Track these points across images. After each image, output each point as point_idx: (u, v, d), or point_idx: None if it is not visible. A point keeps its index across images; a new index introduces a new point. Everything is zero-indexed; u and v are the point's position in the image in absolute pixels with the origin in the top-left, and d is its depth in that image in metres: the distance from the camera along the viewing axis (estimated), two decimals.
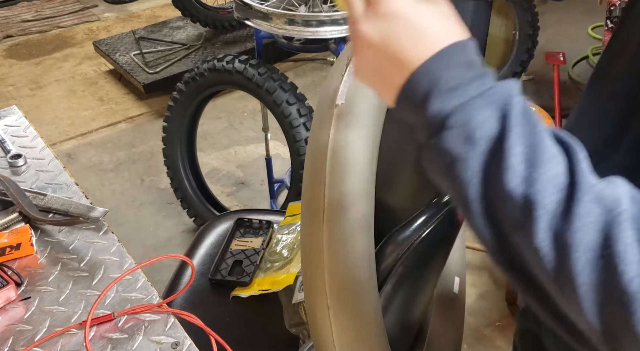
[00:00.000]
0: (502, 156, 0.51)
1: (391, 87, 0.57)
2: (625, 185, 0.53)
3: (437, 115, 0.53)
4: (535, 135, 0.52)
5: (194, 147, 2.37)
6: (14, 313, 0.94)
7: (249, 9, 1.90)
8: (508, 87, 0.55)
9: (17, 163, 1.23)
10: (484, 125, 0.52)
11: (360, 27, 0.57)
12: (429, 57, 0.55)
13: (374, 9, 0.57)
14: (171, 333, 0.90)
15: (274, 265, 1.32)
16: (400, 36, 0.56)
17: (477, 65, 0.56)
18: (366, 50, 0.57)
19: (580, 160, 0.52)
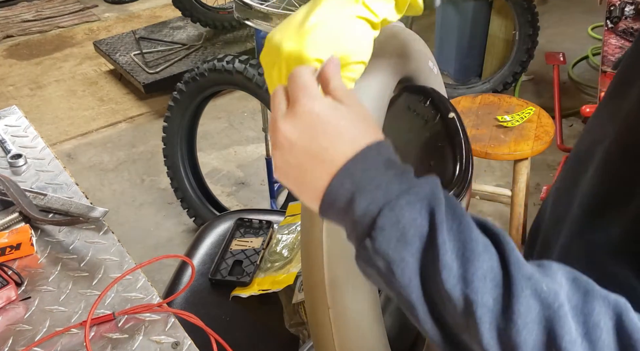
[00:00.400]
0: (436, 254, 0.51)
1: (314, 189, 0.56)
2: (561, 269, 0.53)
3: (365, 215, 0.53)
4: (463, 229, 0.52)
5: (194, 147, 2.37)
6: (14, 313, 0.93)
7: (249, 9, 1.90)
8: (431, 182, 0.54)
9: (17, 163, 1.23)
10: (414, 223, 0.52)
11: (280, 126, 0.57)
12: (349, 158, 0.55)
13: (293, 109, 0.57)
14: (171, 333, 0.90)
15: (274, 265, 1.32)
16: (319, 136, 0.56)
17: (396, 164, 0.56)
18: (287, 149, 0.57)
19: (511, 249, 0.52)
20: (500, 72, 3.11)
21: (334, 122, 0.56)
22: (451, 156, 0.94)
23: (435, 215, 0.52)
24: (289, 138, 0.56)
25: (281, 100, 0.59)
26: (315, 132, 0.56)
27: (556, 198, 0.80)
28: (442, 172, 0.94)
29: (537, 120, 1.95)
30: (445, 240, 0.51)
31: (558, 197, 0.80)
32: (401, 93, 0.97)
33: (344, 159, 0.55)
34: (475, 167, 1.80)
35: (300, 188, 0.58)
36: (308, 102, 0.57)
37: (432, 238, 0.51)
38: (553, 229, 0.77)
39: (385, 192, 0.53)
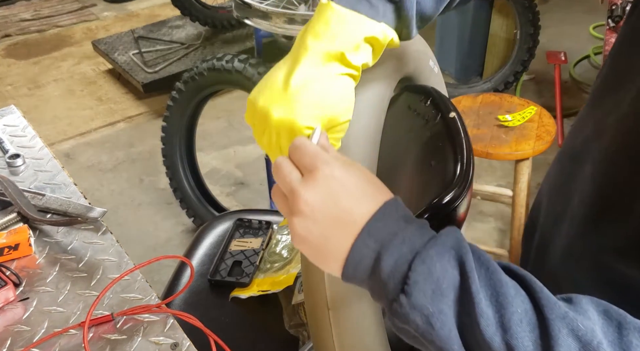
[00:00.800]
0: (472, 303, 0.51)
1: (337, 253, 0.56)
2: (591, 303, 0.53)
3: (395, 272, 0.53)
4: (492, 274, 0.52)
5: (193, 146, 2.36)
6: (12, 313, 0.93)
7: (249, 8, 1.90)
8: (453, 231, 0.55)
9: (15, 163, 1.22)
10: (447, 274, 0.52)
11: (302, 194, 0.56)
12: (370, 217, 0.55)
13: (312, 175, 0.57)
14: (170, 334, 0.89)
15: (273, 265, 1.32)
16: (342, 199, 0.56)
17: (414, 218, 0.56)
18: (309, 216, 0.56)
19: (540, 289, 0.52)
20: (502, 71, 3.11)
21: (354, 183, 0.57)
22: (452, 156, 0.94)
23: (465, 264, 0.52)
24: (311, 205, 0.56)
25: (291, 169, 0.59)
26: (339, 196, 0.56)
27: (552, 195, 0.80)
28: (443, 172, 0.93)
29: (538, 120, 1.94)
30: (479, 288, 0.51)
31: (553, 194, 0.79)
32: (402, 92, 0.96)
33: (366, 218, 0.55)
34: (476, 166, 1.79)
35: (322, 255, 0.58)
36: (327, 167, 0.57)
37: (465, 288, 0.51)
38: (552, 227, 0.77)
39: (411, 245, 0.53)
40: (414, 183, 1.01)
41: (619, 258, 0.63)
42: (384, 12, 0.67)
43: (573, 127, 0.80)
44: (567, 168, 0.77)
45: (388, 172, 0.91)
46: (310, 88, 0.65)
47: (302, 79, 0.65)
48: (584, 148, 0.73)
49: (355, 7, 0.66)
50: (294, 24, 1.83)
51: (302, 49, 0.66)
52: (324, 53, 0.66)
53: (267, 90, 0.67)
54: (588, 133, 0.73)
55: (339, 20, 0.65)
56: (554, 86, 2.97)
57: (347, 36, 0.65)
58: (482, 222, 2.45)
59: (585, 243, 0.69)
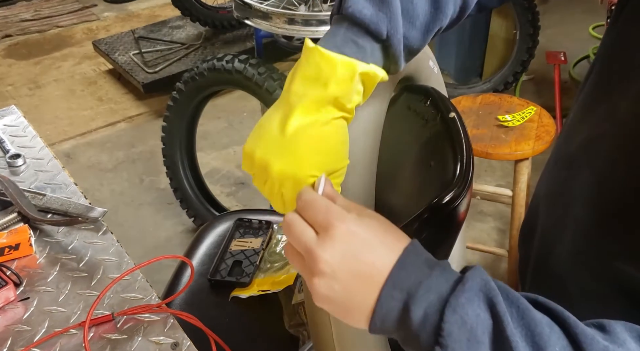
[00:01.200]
0: (508, 347, 0.50)
1: (363, 308, 0.55)
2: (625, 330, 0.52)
3: (426, 323, 0.52)
4: (524, 313, 0.52)
5: (193, 147, 2.36)
6: (12, 313, 0.93)
7: (249, 8, 1.90)
8: (478, 272, 0.54)
9: (16, 163, 1.22)
10: (479, 319, 0.51)
11: (320, 254, 0.55)
12: (392, 267, 0.54)
13: (328, 233, 0.56)
14: (170, 333, 0.89)
15: (273, 265, 1.32)
16: (363, 253, 0.55)
17: (435, 261, 0.55)
18: (330, 275, 0.55)
19: (574, 323, 0.51)
20: (501, 71, 3.11)
21: (371, 235, 0.56)
22: (452, 156, 0.94)
23: (496, 306, 0.51)
24: (331, 264, 0.55)
25: (304, 228, 0.57)
26: (358, 251, 0.55)
27: (550, 200, 0.79)
28: (443, 172, 0.93)
29: (538, 120, 1.94)
30: (513, 330, 0.50)
31: (551, 199, 0.78)
32: (401, 93, 0.96)
33: (389, 269, 0.54)
34: (476, 167, 1.79)
35: (347, 311, 0.57)
36: (342, 223, 0.56)
37: (500, 331, 0.51)
38: (553, 232, 0.76)
39: (438, 293, 0.52)
40: (414, 183, 1.01)
41: (631, 263, 0.62)
42: (371, 52, 0.66)
43: (566, 133, 0.79)
44: (563, 174, 0.76)
45: (388, 172, 0.91)
46: (308, 136, 0.65)
47: (298, 126, 0.65)
48: (580, 154, 0.72)
49: (342, 49, 0.65)
50: (294, 25, 1.84)
51: (294, 95, 0.66)
52: (317, 99, 0.65)
53: (264, 139, 0.66)
54: (583, 138, 0.72)
55: (328, 64, 0.65)
56: (553, 86, 2.97)
57: (338, 80, 0.65)
58: (481, 221, 2.45)
59: (595, 248, 0.68)
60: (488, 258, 2.27)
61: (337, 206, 0.58)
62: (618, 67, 0.70)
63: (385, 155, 0.86)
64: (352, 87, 0.66)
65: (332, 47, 0.66)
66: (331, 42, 0.66)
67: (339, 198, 0.61)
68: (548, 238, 0.78)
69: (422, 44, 0.70)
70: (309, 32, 1.84)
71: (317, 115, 0.65)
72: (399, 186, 1.01)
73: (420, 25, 0.68)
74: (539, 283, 0.80)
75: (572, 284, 0.72)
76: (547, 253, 0.77)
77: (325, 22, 1.83)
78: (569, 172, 0.74)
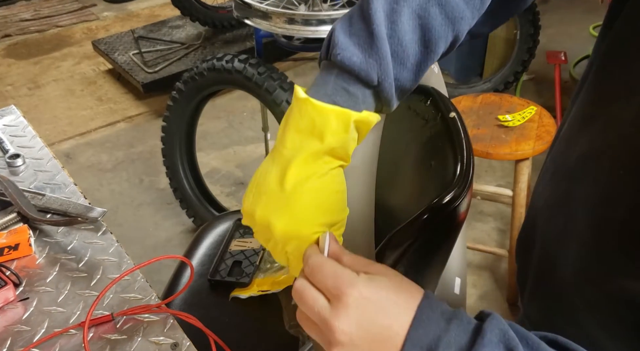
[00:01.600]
0: None
1: None
2: None
3: None
4: None
5: (193, 146, 2.36)
6: (12, 313, 0.93)
7: (249, 8, 1.90)
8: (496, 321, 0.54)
9: (15, 163, 1.22)
10: None
11: (335, 324, 0.55)
12: (410, 326, 0.54)
13: (340, 302, 0.55)
14: (170, 334, 0.89)
15: (273, 265, 1.32)
16: (378, 318, 0.55)
17: (451, 311, 0.55)
18: (349, 344, 0.55)
19: None
20: (502, 71, 3.11)
21: (384, 297, 0.56)
22: (452, 156, 0.94)
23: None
24: (348, 333, 0.55)
25: (316, 296, 0.57)
26: (373, 315, 0.55)
27: (549, 214, 0.76)
28: (443, 172, 0.93)
29: (538, 120, 1.94)
30: None
31: (551, 213, 0.76)
32: None
33: (406, 328, 0.54)
34: (476, 167, 1.79)
35: None
36: (353, 290, 0.55)
37: None
38: (555, 247, 0.74)
39: (458, 348, 0.52)
40: (414, 183, 1.01)
41: (638, 279, 0.61)
42: (363, 99, 0.66)
43: (564, 144, 0.77)
44: (562, 187, 0.74)
45: (388, 172, 0.91)
46: (307, 190, 0.64)
47: (297, 181, 0.64)
48: (579, 167, 0.70)
49: (334, 99, 0.65)
50: (294, 24, 1.83)
51: (289, 148, 0.65)
52: (314, 152, 0.64)
53: (263, 197, 0.65)
54: (584, 151, 0.70)
55: (321, 116, 0.64)
56: (554, 86, 2.97)
57: (333, 132, 0.64)
58: (482, 222, 2.45)
59: (599, 264, 0.67)
60: (488, 258, 2.27)
61: (345, 269, 0.57)
62: (617, 77, 0.68)
63: (385, 155, 0.86)
64: (347, 136, 0.65)
65: (323, 96, 0.65)
66: (322, 91, 0.65)
67: (345, 255, 0.61)
68: (550, 252, 0.76)
69: (414, 83, 0.69)
70: (309, 31, 1.84)
71: (315, 167, 0.65)
72: (399, 186, 1.01)
73: (411, 65, 0.66)
74: (541, 296, 0.79)
75: (576, 298, 0.71)
76: (549, 267, 0.75)
77: (325, 22, 1.82)
78: (568, 185, 0.72)
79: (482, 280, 2.20)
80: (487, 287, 2.17)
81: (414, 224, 0.86)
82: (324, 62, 0.67)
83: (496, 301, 2.12)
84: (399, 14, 0.64)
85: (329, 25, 1.83)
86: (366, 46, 0.64)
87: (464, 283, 1.26)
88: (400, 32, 0.64)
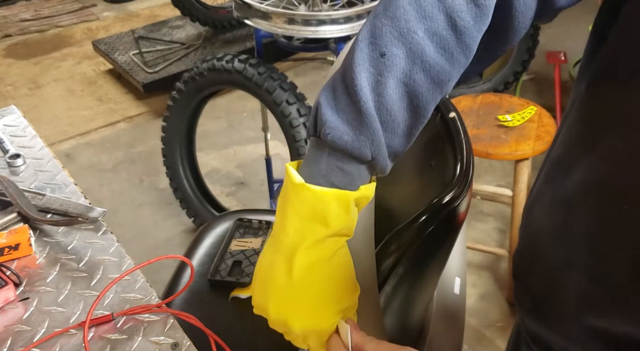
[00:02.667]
0: None
1: None
2: None
3: None
4: None
5: (193, 147, 2.36)
6: (12, 313, 0.93)
7: (249, 8, 1.90)
8: None
9: (15, 163, 1.22)
10: None
11: None
12: None
13: None
14: (170, 333, 0.89)
15: None
16: None
17: None
18: None
19: None
20: (501, 71, 3.11)
21: None
22: (452, 156, 0.94)
23: None
24: None
25: None
26: None
27: (547, 241, 0.73)
28: (443, 171, 0.93)
29: (538, 120, 1.94)
30: None
31: (550, 240, 0.73)
32: None
33: None
34: (476, 167, 1.79)
35: None
36: None
37: None
38: (555, 275, 0.72)
39: None
40: (414, 183, 1.01)
41: None
42: (358, 174, 0.65)
43: (559, 168, 0.72)
44: (559, 214, 0.70)
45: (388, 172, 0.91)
46: (317, 279, 0.64)
47: (305, 270, 0.64)
48: (577, 197, 0.67)
49: (329, 179, 0.64)
50: (294, 24, 1.83)
51: (292, 236, 0.64)
52: (318, 238, 0.64)
53: (273, 292, 0.65)
54: (581, 179, 0.67)
55: (321, 202, 0.63)
56: (553, 86, 2.97)
57: (335, 216, 0.64)
58: (482, 221, 2.45)
59: (605, 293, 0.65)
60: (488, 258, 2.28)
61: None
62: (611, 103, 0.64)
63: None
64: (349, 217, 0.65)
65: (318, 177, 0.64)
66: (316, 171, 0.65)
67: (368, 343, 0.61)
68: (550, 279, 0.73)
69: (407, 146, 0.68)
70: (309, 31, 1.84)
71: (321, 252, 0.65)
72: (400, 186, 1.01)
73: (402, 132, 0.65)
74: (541, 317, 0.76)
75: (577, 324, 0.69)
76: (550, 292, 0.73)
77: (325, 22, 1.82)
78: (566, 214, 0.69)
79: (482, 280, 2.21)
80: (487, 287, 2.18)
81: (414, 224, 0.86)
82: (313, 138, 0.66)
83: (496, 301, 2.12)
84: (385, 85, 0.62)
85: (329, 25, 1.83)
86: (356, 124, 0.63)
87: (463, 283, 1.26)
88: (387, 102, 0.63)
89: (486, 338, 2.00)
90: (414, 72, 0.63)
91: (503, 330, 2.02)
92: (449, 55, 0.64)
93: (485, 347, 1.98)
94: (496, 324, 2.04)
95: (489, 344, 1.98)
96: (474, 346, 1.98)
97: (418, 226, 0.87)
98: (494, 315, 2.08)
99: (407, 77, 0.63)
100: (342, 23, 1.82)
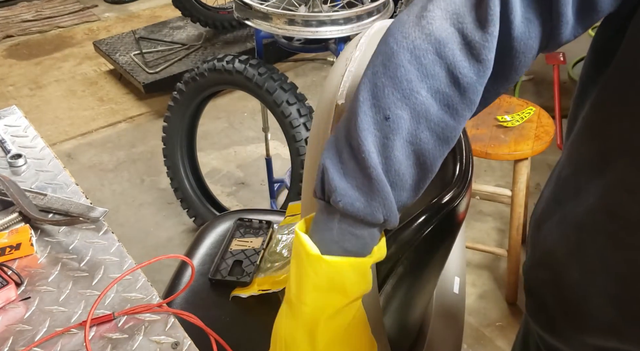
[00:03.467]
0: None
1: None
2: None
3: None
4: None
5: (194, 147, 2.37)
6: (13, 313, 0.93)
7: (249, 9, 1.90)
8: None
9: (17, 163, 1.22)
10: None
11: None
12: None
13: None
14: (171, 333, 0.89)
15: (274, 265, 1.32)
16: None
17: None
18: None
19: None
20: None
21: None
22: (451, 156, 0.94)
23: None
24: None
25: None
26: None
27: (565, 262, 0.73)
28: (442, 172, 0.94)
29: (537, 120, 1.95)
30: None
31: (566, 261, 0.72)
32: None
33: None
34: (475, 167, 1.79)
35: None
36: None
37: None
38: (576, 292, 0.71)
39: None
40: None
41: None
42: (371, 237, 0.66)
43: (570, 188, 0.72)
44: (572, 237, 0.70)
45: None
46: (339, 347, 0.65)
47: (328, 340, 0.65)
48: (590, 220, 0.67)
49: (342, 245, 0.64)
50: (295, 25, 1.84)
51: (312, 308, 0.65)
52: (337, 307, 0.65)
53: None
54: (593, 204, 0.67)
55: (339, 273, 0.64)
56: (552, 86, 2.97)
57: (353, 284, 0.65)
58: (481, 221, 2.46)
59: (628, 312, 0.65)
60: (487, 257, 2.28)
61: None
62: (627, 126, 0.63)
63: None
64: (366, 280, 0.66)
65: (331, 244, 0.64)
66: (328, 237, 0.65)
67: None
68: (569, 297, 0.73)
69: (415, 198, 0.68)
70: (309, 32, 1.84)
71: (341, 320, 0.66)
72: None
73: (409, 187, 0.65)
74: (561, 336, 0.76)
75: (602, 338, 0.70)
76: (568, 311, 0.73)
77: (325, 23, 1.83)
78: (579, 236, 0.69)
79: (481, 279, 2.21)
80: (486, 286, 2.18)
81: (414, 224, 0.87)
82: (322, 203, 0.65)
83: (495, 301, 2.13)
84: (392, 148, 0.62)
85: (329, 26, 1.83)
86: (366, 189, 0.62)
87: (463, 282, 1.26)
88: (395, 164, 0.63)
89: (485, 338, 2.00)
90: (420, 131, 0.62)
91: (502, 329, 2.02)
92: (454, 111, 0.63)
93: (485, 346, 1.98)
94: (495, 323, 2.05)
95: (488, 343, 1.99)
96: (473, 345, 1.98)
97: (417, 226, 0.87)
98: (493, 314, 2.08)
99: (413, 136, 0.62)
100: (342, 24, 1.82)
